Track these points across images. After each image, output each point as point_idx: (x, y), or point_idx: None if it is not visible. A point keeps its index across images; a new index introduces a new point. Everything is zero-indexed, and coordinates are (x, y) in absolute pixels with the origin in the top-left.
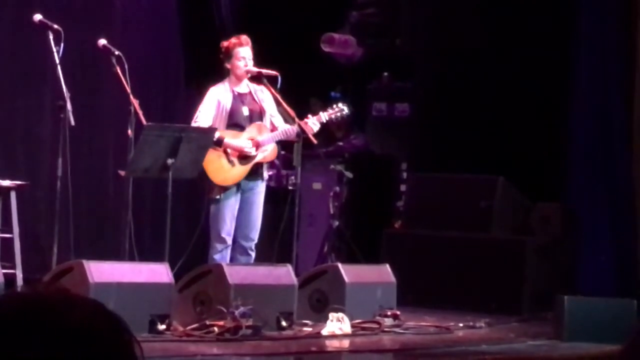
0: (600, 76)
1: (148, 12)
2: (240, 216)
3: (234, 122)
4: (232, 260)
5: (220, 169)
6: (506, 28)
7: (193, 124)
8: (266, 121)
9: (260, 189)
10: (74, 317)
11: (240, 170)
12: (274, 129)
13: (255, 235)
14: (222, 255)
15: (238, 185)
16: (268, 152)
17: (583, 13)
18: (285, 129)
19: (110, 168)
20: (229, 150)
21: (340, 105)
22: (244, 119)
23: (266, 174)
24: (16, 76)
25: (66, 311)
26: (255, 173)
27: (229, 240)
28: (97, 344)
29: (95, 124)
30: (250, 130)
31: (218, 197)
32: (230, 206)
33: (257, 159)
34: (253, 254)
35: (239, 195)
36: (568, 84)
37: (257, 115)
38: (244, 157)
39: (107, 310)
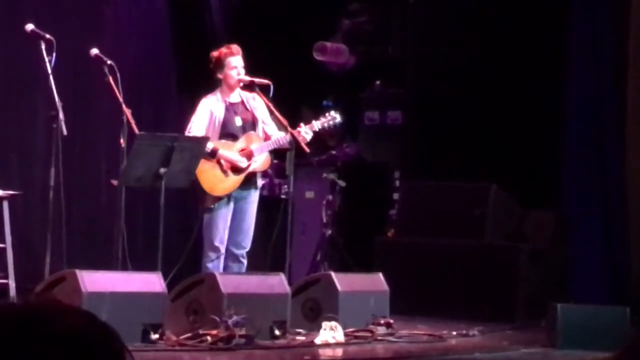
0: (594, 83)
1: (140, 21)
2: (232, 224)
3: (227, 132)
4: (224, 268)
5: (214, 179)
6: (498, 35)
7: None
8: (259, 130)
9: (253, 198)
10: (66, 327)
11: (233, 181)
12: (267, 137)
13: (247, 243)
14: (215, 264)
15: (229, 195)
16: (259, 162)
17: (576, 20)
18: (278, 138)
19: (102, 177)
20: (222, 161)
21: (332, 113)
22: (236, 129)
23: (260, 182)
24: (8, 86)
25: (58, 321)
26: (248, 182)
27: (223, 249)
28: (88, 354)
29: (87, 133)
30: (243, 141)
31: (212, 206)
32: (224, 215)
33: (249, 169)
34: (245, 262)
35: (231, 205)
36: (561, 91)
37: (250, 124)
38: (237, 169)
39: (98, 321)
